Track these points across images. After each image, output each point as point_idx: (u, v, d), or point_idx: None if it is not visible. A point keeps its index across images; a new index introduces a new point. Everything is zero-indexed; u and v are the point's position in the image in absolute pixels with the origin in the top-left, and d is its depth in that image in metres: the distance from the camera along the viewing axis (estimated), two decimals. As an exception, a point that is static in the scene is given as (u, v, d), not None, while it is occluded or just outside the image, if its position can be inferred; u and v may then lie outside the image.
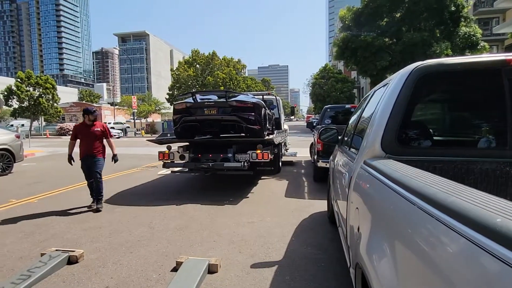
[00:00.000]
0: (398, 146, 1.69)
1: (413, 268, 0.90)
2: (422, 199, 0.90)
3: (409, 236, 0.97)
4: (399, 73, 1.86)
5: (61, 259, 3.13)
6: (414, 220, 0.94)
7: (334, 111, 9.12)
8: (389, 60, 22.27)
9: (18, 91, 34.71)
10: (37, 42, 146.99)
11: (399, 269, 0.99)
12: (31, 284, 2.72)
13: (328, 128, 3.92)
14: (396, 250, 1.04)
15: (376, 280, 1.09)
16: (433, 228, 0.82)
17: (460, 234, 0.69)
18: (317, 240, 3.75)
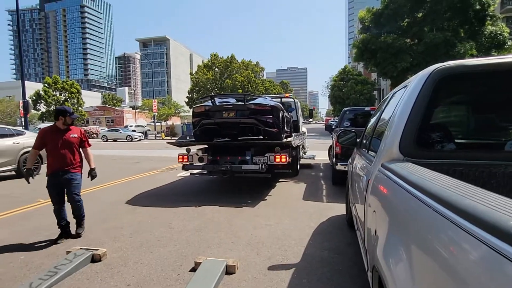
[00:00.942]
0: (417, 149, 1.67)
1: (430, 273, 0.89)
2: (437, 201, 0.90)
3: (425, 240, 0.96)
4: (418, 75, 1.84)
5: (85, 257, 3.24)
6: (430, 223, 0.94)
7: (353, 113, 9.01)
8: (410, 61, 21.78)
9: (45, 96, 36.36)
10: (63, 48, 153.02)
11: (415, 273, 0.98)
12: (57, 281, 2.84)
13: (347, 131, 3.88)
14: (413, 254, 1.04)
15: (392, 283, 1.09)
16: (448, 231, 0.82)
17: (476, 237, 0.69)
18: (335, 243, 3.72)
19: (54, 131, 3.93)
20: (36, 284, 2.73)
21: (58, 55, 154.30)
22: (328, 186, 7.21)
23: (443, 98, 1.85)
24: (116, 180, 8.23)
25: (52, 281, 2.80)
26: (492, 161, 1.58)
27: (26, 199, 6.22)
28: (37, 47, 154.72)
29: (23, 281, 2.89)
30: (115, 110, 57.44)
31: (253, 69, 56.40)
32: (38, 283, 2.75)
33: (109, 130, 35.27)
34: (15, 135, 9.10)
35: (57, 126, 3.93)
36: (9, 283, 2.90)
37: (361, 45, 23.74)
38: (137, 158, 14.25)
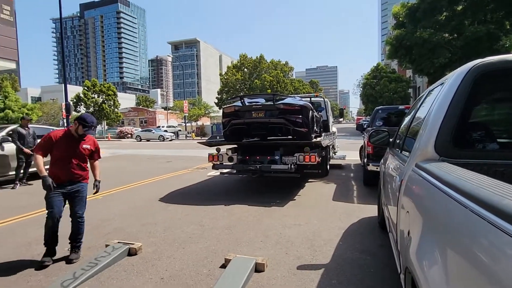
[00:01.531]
0: (454, 149, 1.60)
1: (465, 276, 0.86)
2: (474, 202, 0.86)
3: (461, 242, 0.93)
4: (456, 72, 1.77)
5: (122, 250, 3.41)
6: (466, 224, 0.91)
7: (386, 112, 8.75)
8: (448, 57, 20.66)
9: (85, 98, 38.39)
10: (101, 53, 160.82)
11: (450, 276, 0.95)
12: (97, 271, 3.02)
13: (379, 130, 3.79)
14: (448, 256, 1.01)
15: (426, 285, 1.06)
16: (486, 233, 0.79)
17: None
18: (366, 245, 3.64)
19: (68, 137, 3.43)
20: (79, 274, 2.92)
21: (96, 60, 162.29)
22: (359, 187, 7.06)
23: (483, 96, 1.76)
24: (149, 179, 8.54)
25: (93, 271, 2.99)
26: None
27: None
28: (77, 52, 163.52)
29: (67, 271, 3.08)
30: (148, 111, 59.48)
31: (282, 69, 56.21)
32: (80, 273, 2.93)
33: (142, 131, 36.61)
34: (58, 135, 9.70)
35: (71, 132, 3.44)
36: (56, 272, 3.11)
37: (395, 42, 22.86)
38: (168, 157, 14.69)
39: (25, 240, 4.02)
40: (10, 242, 4.00)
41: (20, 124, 7.99)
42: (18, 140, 7.56)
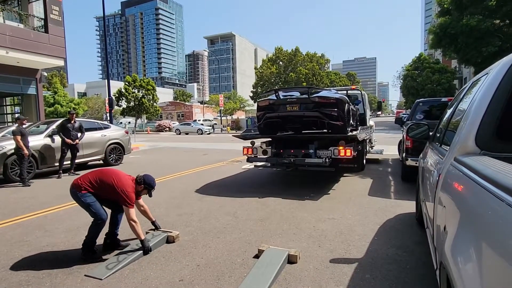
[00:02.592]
0: (497, 142, 1.53)
1: (500, 274, 0.84)
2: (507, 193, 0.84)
3: (499, 238, 0.91)
4: (501, 61, 1.67)
5: (161, 238, 3.62)
6: (505, 219, 0.88)
7: (428, 105, 8.31)
8: (498, 45, 19.11)
9: (126, 93, 40.21)
10: (140, 49, 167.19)
11: (484, 272, 0.93)
12: (138, 257, 3.24)
13: (419, 124, 3.65)
14: (483, 253, 0.98)
15: (460, 280, 1.04)
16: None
17: None
18: (402, 241, 3.55)
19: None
20: (122, 258, 3.16)
21: (136, 56, 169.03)
22: (396, 182, 6.84)
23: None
24: (186, 171, 8.85)
25: (134, 256, 3.21)
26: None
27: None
28: (119, 49, 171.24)
29: (111, 254, 3.33)
30: (185, 105, 61.13)
31: (318, 61, 55.18)
32: (123, 257, 3.17)
33: (181, 124, 37.82)
34: (102, 129, 10.32)
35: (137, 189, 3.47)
36: (102, 254, 3.37)
37: (439, 30, 21.49)
38: (205, 150, 15.08)
39: (73, 226, 4.37)
40: (59, 227, 4.36)
41: (67, 118, 8.62)
42: (62, 133, 8.20)
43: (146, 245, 3.32)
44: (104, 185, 3.27)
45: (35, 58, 13.54)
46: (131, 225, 3.25)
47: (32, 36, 13.38)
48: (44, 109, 16.20)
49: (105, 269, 2.99)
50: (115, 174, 3.38)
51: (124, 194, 3.21)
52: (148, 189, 3.51)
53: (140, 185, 3.45)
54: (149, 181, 3.51)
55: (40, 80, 15.56)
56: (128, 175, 3.49)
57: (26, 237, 3.97)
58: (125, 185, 3.27)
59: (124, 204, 3.25)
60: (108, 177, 3.30)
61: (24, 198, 6.09)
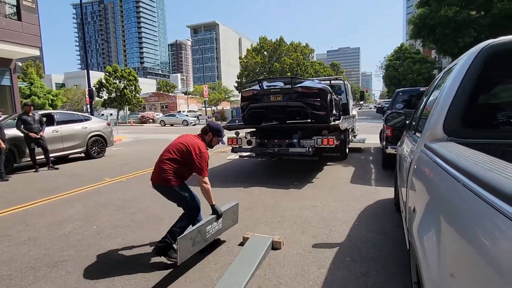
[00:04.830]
0: (462, 129, 1.63)
1: (458, 250, 0.92)
2: (470, 179, 0.92)
3: (457, 218, 0.99)
4: (468, 53, 1.76)
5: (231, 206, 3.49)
6: (463, 201, 0.96)
7: (407, 95, 8.52)
8: (474, 36, 19.61)
9: (107, 84, 39.22)
10: (121, 38, 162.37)
11: (444, 249, 1.02)
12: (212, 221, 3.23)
13: (396, 113, 3.77)
14: (442, 231, 1.07)
15: (423, 257, 1.14)
16: (478, 209, 0.85)
17: (498, 209, 0.72)
18: (381, 226, 3.71)
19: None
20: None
21: (116, 45, 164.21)
22: (377, 170, 7.04)
23: (494, 76, 1.75)
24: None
25: (211, 226, 3.21)
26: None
27: (94, 178, 6.94)
28: (98, 38, 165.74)
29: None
30: (169, 96, 60.20)
31: (302, 51, 55.15)
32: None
33: (166, 115, 37.27)
34: (83, 121, 10.09)
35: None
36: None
37: (418, 21, 21.83)
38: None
39: (55, 220, 4.33)
40: (40, 221, 4.32)
41: (24, 111, 8.00)
42: (22, 127, 7.66)
43: (218, 210, 3.15)
44: (185, 159, 2.96)
45: (8, 47, 12.96)
46: (204, 188, 2.98)
47: (4, 23, 12.80)
48: (20, 100, 15.58)
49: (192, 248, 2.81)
50: (182, 141, 3.03)
51: (197, 156, 2.94)
52: (217, 135, 3.23)
53: (207, 134, 3.20)
54: (215, 125, 3.26)
55: (15, 71, 14.98)
56: (192, 135, 3.19)
57: (7, 231, 3.92)
58: (196, 146, 2.98)
59: (197, 170, 2.97)
60: (179, 147, 2.99)
61: (2, 192, 5.95)
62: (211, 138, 3.22)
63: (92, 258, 3.11)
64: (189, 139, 3.08)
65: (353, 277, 2.63)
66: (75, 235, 3.71)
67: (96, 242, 3.50)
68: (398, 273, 2.65)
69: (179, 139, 3.13)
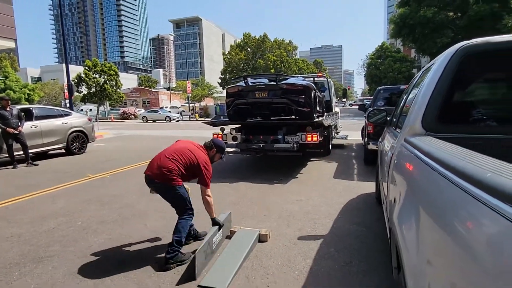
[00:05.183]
0: (439, 124, 1.75)
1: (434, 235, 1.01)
2: (441, 166, 1.02)
3: (434, 204, 1.09)
4: (444, 53, 1.89)
5: (227, 215, 3.48)
6: (438, 188, 1.06)
7: (388, 92, 8.77)
8: (451, 36, 20.33)
9: (86, 78, 38.16)
10: (100, 31, 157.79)
11: (422, 235, 1.12)
12: (216, 233, 3.25)
13: (378, 110, 3.92)
14: (421, 217, 1.17)
15: (403, 242, 1.24)
16: (451, 194, 0.95)
17: (469, 193, 0.82)
18: (363, 218, 3.86)
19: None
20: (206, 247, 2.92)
21: (96, 38, 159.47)
22: (359, 165, 7.24)
23: (468, 76, 1.89)
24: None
25: (216, 238, 3.21)
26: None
27: (76, 174, 6.83)
28: (77, 31, 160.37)
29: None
30: (151, 92, 59.21)
31: (285, 48, 55.42)
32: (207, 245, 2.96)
33: (149, 111, 36.69)
34: (63, 116, 9.84)
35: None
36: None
37: (399, 20, 22.45)
38: (174, 138, 14.85)
39: (38, 216, 4.27)
40: (23, 218, 4.25)
41: (1, 106, 7.68)
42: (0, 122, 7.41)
43: (219, 222, 3.18)
44: (191, 167, 2.98)
45: (-20, 39, 12.52)
46: (207, 200, 3.08)
47: (-22, 15, 12.33)
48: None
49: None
50: (190, 148, 3.07)
51: (206, 169, 3.03)
52: (221, 152, 3.35)
53: (211, 149, 3.27)
54: (220, 143, 3.34)
55: (-12, 64, 14.45)
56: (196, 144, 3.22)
57: (-11, 228, 3.84)
58: (204, 158, 3.06)
59: (203, 182, 3.05)
60: (188, 154, 2.99)
61: (-19, 189, 5.78)
62: (214, 154, 3.31)
63: (79, 254, 3.10)
64: (197, 150, 3.11)
65: (337, 266, 2.74)
66: (60, 231, 3.68)
67: (82, 238, 3.49)
68: (379, 262, 2.78)
69: (185, 145, 3.13)
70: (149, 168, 2.99)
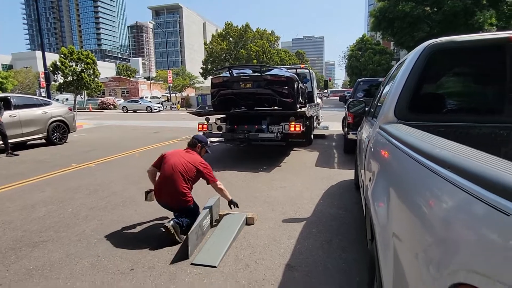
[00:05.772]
0: (409, 113, 1.99)
1: (400, 207, 1.23)
2: (408, 147, 1.24)
3: (400, 180, 1.31)
4: (414, 50, 2.12)
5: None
6: (403, 165, 1.29)
7: (368, 84, 9.10)
8: (427, 31, 21.01)
9: (62, 67, 36.78)
10: (75, 17, 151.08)
11: (391, 208, 1.34)
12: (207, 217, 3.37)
13: (357, 101, 4.16)
14: (390, 193, 1.39)
15: (375, 214, 1.46)
16: (411, 167, 1.16)
17: (431, 170, 1.03)
18: (342, 202, 4.14)
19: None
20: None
21: (70, 25, 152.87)
22: (339, 154, 7.56)
23: (435, 70, 2.13)
24: (139, 148, 8.77)
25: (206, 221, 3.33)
26: (470, 123, 1.89)
27: (60, 164, 6.81)
28: (50, 16, 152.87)
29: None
30: (130, 81, 57.81)
31: (268, 39, 55.24)
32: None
33: (129, 101, 35.98)
34: (43, 105, 9.66)
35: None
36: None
37: (379, 14, 22.97)
38: (156, 128, 14.82)
39: (26, 204, 4.31)
40: (11, 206, 4.28)
41: None
42: None
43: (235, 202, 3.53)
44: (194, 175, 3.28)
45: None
46: (220, 189, 3.42)
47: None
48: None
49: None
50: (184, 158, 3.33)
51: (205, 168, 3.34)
52: (206, 146, 3.63)
53: (196, 146, 3.54)
54: (201, 138, 3.63)
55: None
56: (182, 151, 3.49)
57: (-23, 216, 3.86)
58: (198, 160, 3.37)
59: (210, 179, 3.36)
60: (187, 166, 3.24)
61: (-38, 179, 5.70)
62: (201, 150, 3.58)
63: (73, 238, 3.22)
64: (188, 156, 3.38)
65: (318, 244, 2.99)
66: (51, 218, 3.76)
67: (74, 224, 3.59)
68: (357, 239, 3.05)
69: (181, 158, 3.32)
70: (161, 196, 3.26)
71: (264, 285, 2.38)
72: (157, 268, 2.62)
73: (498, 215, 0.62)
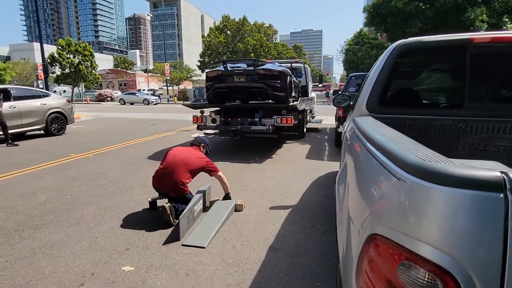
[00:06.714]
0: (379, 107, 2.19)
1: (351, 182, 1.44)
2: (366, 139, 1.44)
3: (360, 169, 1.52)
4: (388, 48, 2.32)
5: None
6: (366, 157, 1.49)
7: (360, 79, 9.28)
8: (419, 27, 21.17)
9: (60, 58, 36.63)
10: (73, 9, 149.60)
11: (346, 185, 1.55)
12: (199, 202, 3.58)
13: (342, 95, 4.37)
14: (348, 179, 1.60)
15: (337, 197, 1.68)
16: (361, 151, 1.37)
17: (375, 157, 1.24)
18: (328, 192, 4.36)
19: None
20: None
21: (68, 16, 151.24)
22: (330, 147, 7.78)
23: (403, 67, 2.33)
24: (135, 140, 8.96)
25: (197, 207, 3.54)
26: (433, 116, 2.10)
27: (58, 154, 6.99)
28: (47, 7, 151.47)
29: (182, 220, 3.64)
30: (128, 74, 57.64)
31: (265, 32, 55.17)
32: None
33: (126, 94, 35.99)
34: (41, 97, 9.80)
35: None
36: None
37: (372, 10, 23.10)
38: (153, 120, 14.98)
39: (27, 191, 4.51)
40: (13, 193, 4.48)
41: None
42: None
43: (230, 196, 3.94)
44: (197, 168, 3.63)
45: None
46: (222, 180, 3.86)
47: None
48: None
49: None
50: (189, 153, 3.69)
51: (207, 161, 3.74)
52: (205, 146, 4.02)
53: (200, 145, 3.96)
54: (204, 139, 4.06)
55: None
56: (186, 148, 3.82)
57: (-20, 202, 4.05)
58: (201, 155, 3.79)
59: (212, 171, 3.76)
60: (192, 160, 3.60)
61: (-37, 168, 5.88)
62: (203, 149, 4.00)
63: (73, 222, 3.42)
64: (195, 152, 3.77)
65: (302, 229, 3.22)
66: (51, 203, 3.96)
67: (73, 209, 3.79)
68: (337, 225, 3.28)
69: (184, 152, 3.69)
70: (160, 183, 3.55)
71: (248, 263, 2.60)
72: (150, 248, 2.83)
73: (400, 183, 0.83)
